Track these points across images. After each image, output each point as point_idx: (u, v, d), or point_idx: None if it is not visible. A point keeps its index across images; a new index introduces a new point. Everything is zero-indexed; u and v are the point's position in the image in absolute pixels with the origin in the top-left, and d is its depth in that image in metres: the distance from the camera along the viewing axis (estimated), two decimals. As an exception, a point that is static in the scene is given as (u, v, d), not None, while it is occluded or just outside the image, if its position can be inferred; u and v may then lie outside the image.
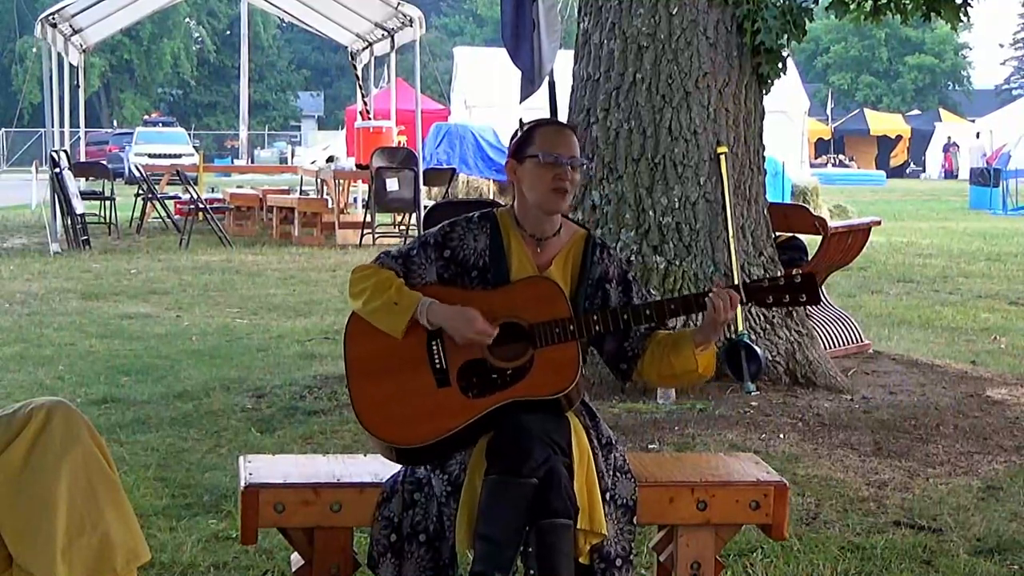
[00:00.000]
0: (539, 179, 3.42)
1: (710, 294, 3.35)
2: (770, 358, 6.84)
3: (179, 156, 32.02)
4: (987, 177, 28.20)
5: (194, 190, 17.31)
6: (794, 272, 3.47)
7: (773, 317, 6.97)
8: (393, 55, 20.53)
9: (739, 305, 3.38)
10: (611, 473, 3.36)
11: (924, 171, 50.91)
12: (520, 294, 3.38)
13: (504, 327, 3.34)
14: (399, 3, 17.44)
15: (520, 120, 3.56)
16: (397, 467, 3.45)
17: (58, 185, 15.48)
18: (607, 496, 3.31)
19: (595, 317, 3.37)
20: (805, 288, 3.39)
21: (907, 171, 51.59)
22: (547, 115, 8.10)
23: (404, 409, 3.31)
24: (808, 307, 7.89)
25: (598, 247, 3.52)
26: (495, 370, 3.32)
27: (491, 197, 19.82)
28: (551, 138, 3.45)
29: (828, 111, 53.81)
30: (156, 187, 18.89)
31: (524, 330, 3.33)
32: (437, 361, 3.34)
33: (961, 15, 7.61)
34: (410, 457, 3.34)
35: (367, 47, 20.94)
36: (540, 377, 3.29)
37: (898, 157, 53.79)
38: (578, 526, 3.20)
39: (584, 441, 3.29)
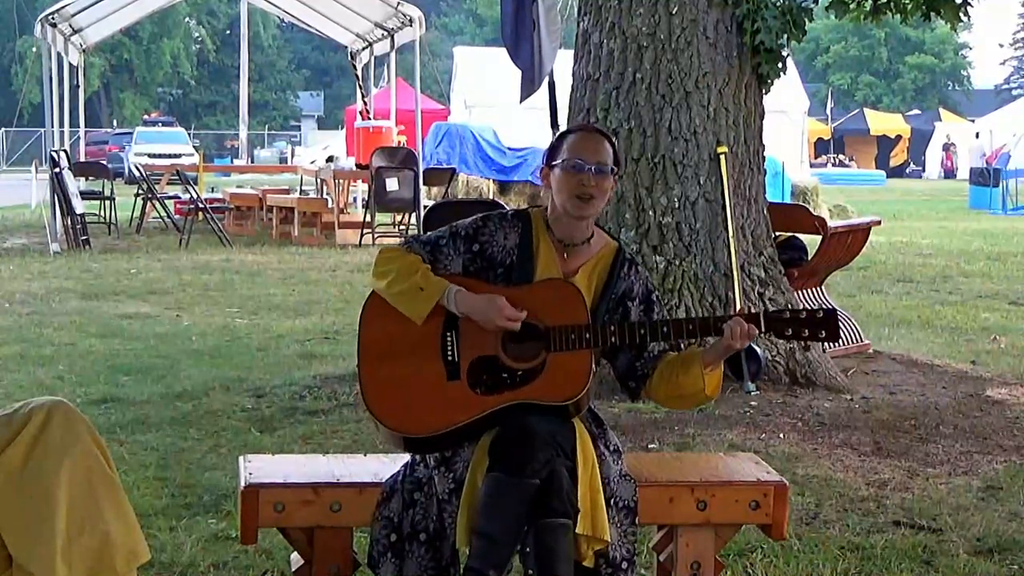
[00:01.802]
0: (564, 185, 3.41)
1: (729, 322, 3.34)
2: (770, 358, 6.84)
3: (179, 156, 32.01)
4: (987, 177, 28.18)
5: (194, 190, 17.31)
6: (817, 309, 3.43)
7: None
8: (393, 55, 20.54)
9: (756, 335, 3.36)
10: (615, 479, 3.36)
11: (924, 171, 50.90)
12: (541, 295, 3.36)
13: (520, 326, 3.33)
14: (399, 3, 17.45)
15: (557, 127, 3.58)
16: (397, 467, 3.45)
17: (58, 185, 15.49)
18: (611, 501, 3.31)
19: (612, 328, 3.36)
20: (826, 324, 3.35)
21: (907, 171, 51.57)
22: (547, 115, 8.11)
23: (411, 398, 3.31)
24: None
25: (627, 263, 3.50)
26: (506, 369, 3.30)
27: (491, 197, 19.80)
28: (577, 144, 3.45)
29: (828, 111, 53.78)
30: (156, 187, 18.89)
31: (540, 331, 3.32)
32: (450, 353, 3.33)
33: (961, 15, 7.61)
34: (414, 446, 3.34)
35: (367, 47, 20.94)
36: (550, 382, 3.28)
37: (898, 157, 53.76)
38: (581, 531, 3.20)
39: (589, 447, 3.28)
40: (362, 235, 15.98)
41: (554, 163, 3.45)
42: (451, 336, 3.34)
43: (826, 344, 7.64)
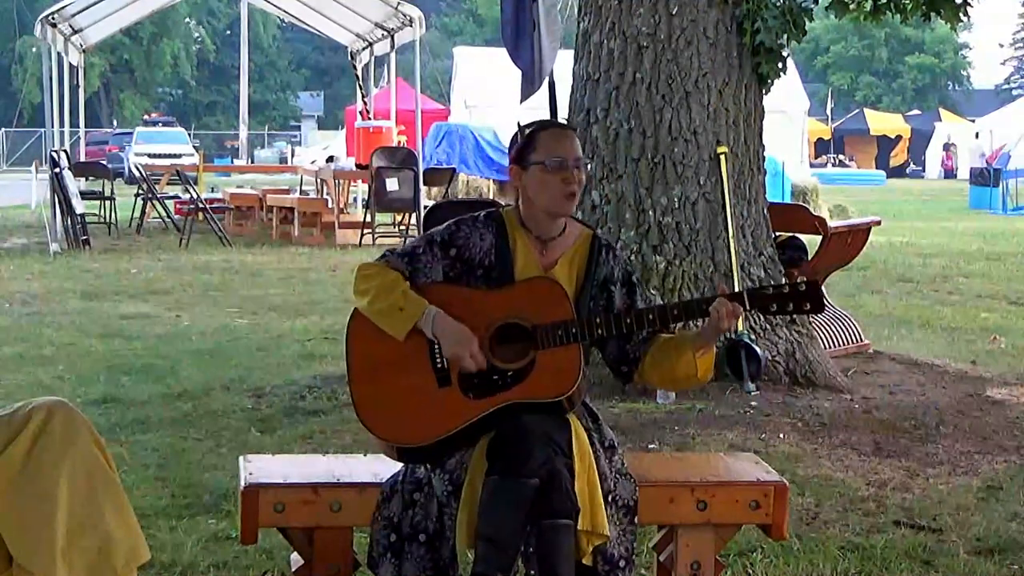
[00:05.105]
0: (548, 185, 3.40)
1: (714, 303, 3.33)
2: (770, 358, 6.84)
3: (179, 156, 32.00)
4: (987, 177, 28.19)
5: (194, 190, 17.31)
6: (799, 279, 3.43)
7: (774, 316, 6.97)
8: (393, 55, 20.53)
9: (742, 313, 3.36)
10: (612, 475, 3.36)
11: (924, 171, 50.89)
12: (524, 294, 3.37)
13: (507, 327, 3.33)
14: (399, 3, 17.45)
15: (519, 123, 3.54)
16: (397, 467, 3.45)
17: (58, 185, 15.49)
18: (609, 498, 3.31)
19: (598, 320, 3.36)
20: (809, 296, 3.34)
21: (907, 171, 51.57)
22: (547, 115, 8.10)
23: (405, 408, 3.31)
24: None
25: (604, 248, 3.51)
26: (496, 371, 3.31)
27: (491, 197, 19.81)
28: (555, 142, 3.44)
29: (828, 111, 53.77)
30: (156, 187, 18.89)
31: (527, 331, 3.32)
32: (439, 361, 3.33)
33: (961, 15, 7.61)
34: (411, 455, 3.35)
35: (367, 47, 20.94)
36: (541, 379, 3.28)
37: (898, 157, 53.76)
38: (580, 527, 3.20)
39: (585, 442, 3.29)
40: (362, 235, 15.98)
41: (532, 162, 3.42)
42: (438, 344, 3.34)
43: (826, 342, 7.65)
